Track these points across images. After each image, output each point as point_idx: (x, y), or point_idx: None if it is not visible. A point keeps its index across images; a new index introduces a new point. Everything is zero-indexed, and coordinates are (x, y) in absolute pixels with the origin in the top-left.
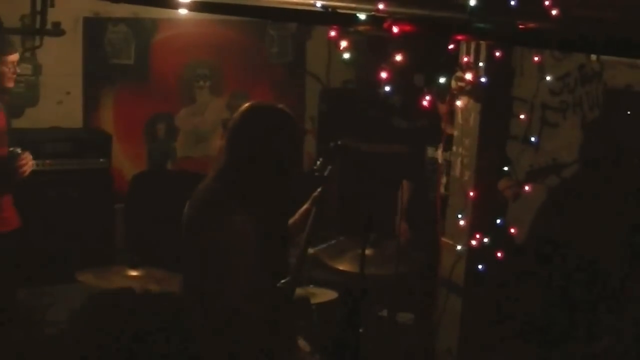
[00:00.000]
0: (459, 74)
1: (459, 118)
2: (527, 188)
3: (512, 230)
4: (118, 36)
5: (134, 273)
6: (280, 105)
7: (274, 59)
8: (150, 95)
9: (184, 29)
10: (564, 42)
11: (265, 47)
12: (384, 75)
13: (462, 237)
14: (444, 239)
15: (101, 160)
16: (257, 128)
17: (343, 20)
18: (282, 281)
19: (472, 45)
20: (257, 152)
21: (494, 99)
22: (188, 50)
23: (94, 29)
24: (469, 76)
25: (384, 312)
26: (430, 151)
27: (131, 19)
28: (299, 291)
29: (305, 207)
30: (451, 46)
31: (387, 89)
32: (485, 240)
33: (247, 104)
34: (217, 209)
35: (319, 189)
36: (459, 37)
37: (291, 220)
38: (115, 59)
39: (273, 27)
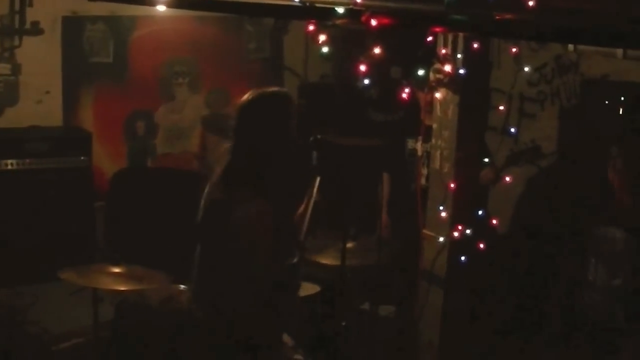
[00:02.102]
0: (436, 66)
1: (437, 110)
2: (507, 179)
3: (494, 222)
4: (96, 34)
5: (115, 270)
6: (282, 90)
7: (251, 55)
8: (129, 93)
9: (161, 26)
10: (540, 32)
11: (243, 43)
12: (361, 68)
13: (444, 229)
14: (425, 231)
15: (81, 158)
16: (262, 113)
17: (321, 14)
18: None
19: (450, 37)
20: (263, 134)
21: (472, 91)
22: (166, 47)
23: (73, 27)
24: (447, 68)
25: (366, 306)
26: (410, 143)
27: (109, 17)
28: None
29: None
30: (429, 38)
31: (365, 82)
32: (468, 231)
33: (253, 91)
34: (233, 195)
35: (317, 179)
36: (436, 29)
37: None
38: (94, 57)
39: (250, 23)
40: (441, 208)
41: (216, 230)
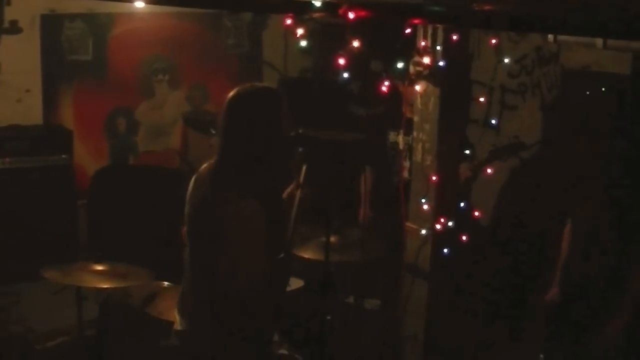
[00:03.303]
0: (416, 58)
1: (418, 103)
2: (489, 171)
3: (476, 213)
4: (75, 32)
5: (98, 268)
6: (270, 86)
7: (230, 50)
8: (109, 91)
9: (140, 23)
10: (519, 22)
11: (222, 39)
12: (341, 62)
13: (426, 221)
14: (408, 224)
15: (63, 156)
16: (252, 111)
17: (298, 8)
18: (280, 255)
19: (429, 29)
20: (252, 132)
21: (453, 83)
22: (145, 44)
23: (51, 25)
24: (426, 60)
25: (351, 299)
26: (392, 136)
27: (87, 14)
28: None
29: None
30: (407, 30)
31: (345, 76)
32: (450, 223)
33: (237, 88)
34: (224, 196)
35: (304, 168)
36: (415, 21)
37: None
38: (73, 55)
39: (229, 18)
40: (423, 201)
41: (206, 231)
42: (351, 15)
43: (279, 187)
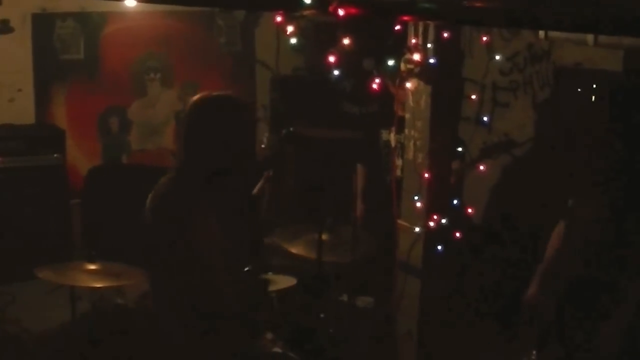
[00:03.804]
0: (407, 56)
1: (409, 101)
2: (482, 168)
3: (470, 210)
4: (67, 31)
5: (92, 267)
6: (230, 93)
7: (223, 49)
8: (102, 90)
9: (132, 22)
10: (510, 19)
11: (215, 37)
12: (332, 60)
13: (419, 219)
14: (400, 222)
15: (55, 156)
16: (211, 119)
17: (289, 5)
18: (246, 269)
19: (420, 27)
20: (215, 145)
21: (444, 81)
22: (137, 43)
23: (43, 25)
24: (417, 58)
25: (344, 297)
26: (384, 134)
27: (79, 13)
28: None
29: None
30: (397, 27)
31: (336, 73)
32: (443, 221)
33: (197, 96)
34: (182, 206)
35: (269, 171)
36: (406, 18)
37: None
38: (65, 54)
39: (221, 17)
40: (416, 198)
41: (171, 251)
42: (341, 12)
43: (243, 201)
